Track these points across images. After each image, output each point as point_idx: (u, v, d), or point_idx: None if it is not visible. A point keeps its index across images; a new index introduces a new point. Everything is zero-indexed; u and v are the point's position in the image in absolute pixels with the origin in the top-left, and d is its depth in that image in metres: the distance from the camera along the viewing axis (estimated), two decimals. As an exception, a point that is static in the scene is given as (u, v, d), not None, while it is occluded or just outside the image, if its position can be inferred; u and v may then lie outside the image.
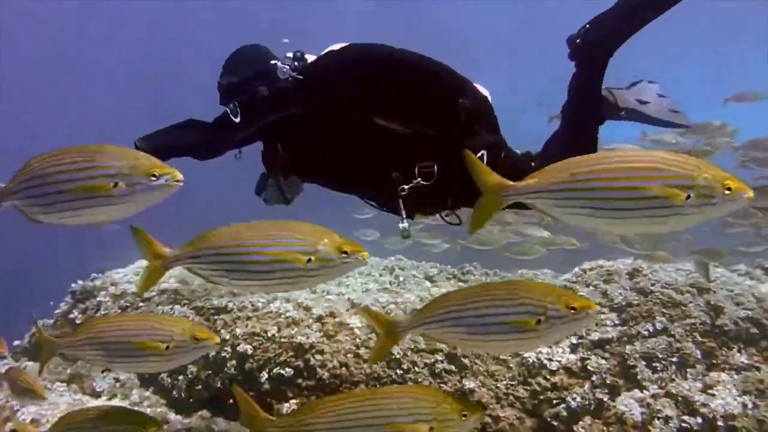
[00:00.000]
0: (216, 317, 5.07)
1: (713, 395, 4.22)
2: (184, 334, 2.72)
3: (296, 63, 3.51)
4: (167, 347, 2.69)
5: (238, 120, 3.39)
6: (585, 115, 3.56)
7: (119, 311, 5.32)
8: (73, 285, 5.88)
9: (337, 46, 3.56)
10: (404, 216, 3.46)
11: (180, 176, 2.33)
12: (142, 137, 3.40)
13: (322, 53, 3.57)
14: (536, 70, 17.99)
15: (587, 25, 3.46)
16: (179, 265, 2.58)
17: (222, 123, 3.43)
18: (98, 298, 5.50)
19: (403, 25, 20.16)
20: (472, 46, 20.24)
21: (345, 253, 2.43)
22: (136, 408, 4.41)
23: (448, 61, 3.46)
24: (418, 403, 2.53)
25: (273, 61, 3.52)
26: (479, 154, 3.41)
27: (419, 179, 3.36)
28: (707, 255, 5.46)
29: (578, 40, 3.47)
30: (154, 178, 2.29)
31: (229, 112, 3.40)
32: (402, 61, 3.43)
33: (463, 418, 2.52)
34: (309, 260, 2.38)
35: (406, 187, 3.37)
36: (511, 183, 2.28)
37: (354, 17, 22.40)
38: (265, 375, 4.58)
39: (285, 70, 3.43)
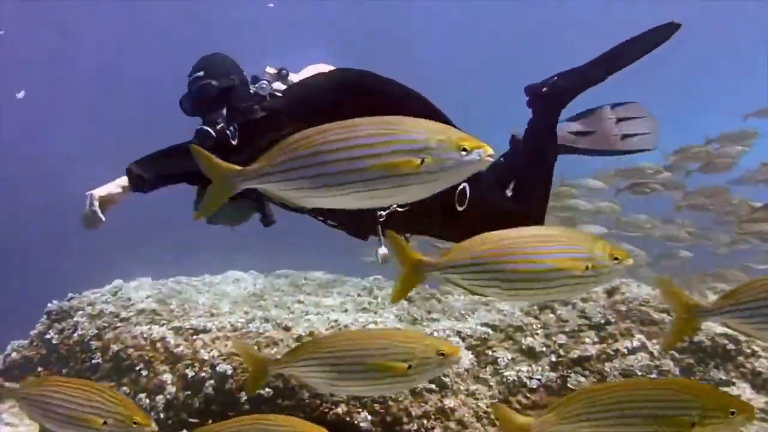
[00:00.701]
0: (195, 337, 5.03)
1: (692, 412, 4.26)
2: (427, 351, 2.57)
3: (278, 81, 3.51)
4: (409, 366, 2.55)
5: (235, 142, 3.34)
6: (545, 157, 3.94)
7: (96, 332, 5.26)
8: (48, 305, 5.81)
9: (319, 67, 3.58)
10: (382, 241, 3.48)
11: (491, 150, 2.11)
12: (137, 162, 3.34)
13: (308, 74, 3.58)
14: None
15: (555, 77, 3.88)
16: (435, 272, 2.44)
17: (221, 146, 3.27)
18: (75, 319, 5.44)
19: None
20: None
21: (616, 258, 2.37)
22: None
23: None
24: (680, 396, 2.30)
25: (253, 75, 3.51)
26: (461, 187, 3.52)
27: (394, 205, 3.42)
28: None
29: (544, 89, 3.87)
30: (464, 153, 2.06)
31: (229, 135, 3.32)
32: (386, 89, 3.48)
33: (731, 416, 2.27)
34: (586, 267, 2.32)
35: (384, 213, 3.42)
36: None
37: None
38: (244, 395, 4.56)
39: (264, 86, 3.42)
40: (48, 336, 5.47)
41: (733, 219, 7.76)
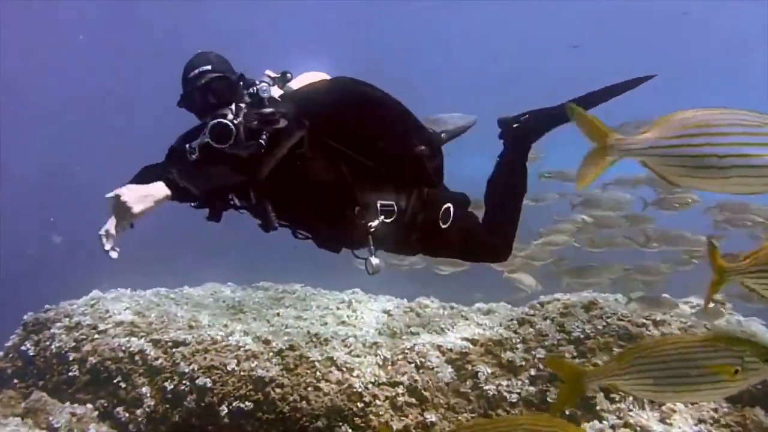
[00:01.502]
0: (174, 350, 5.00)
1: (670, 424, 4.31)
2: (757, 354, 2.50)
3: (276, 85, 3.49)
4: (736, 371, 2.49)
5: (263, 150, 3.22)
6: (516, 190, 4.14)
7: (74, 344, 5.20)
8: (24, 316, 5.74)
9: (315, 75, 3.60)
10: (374, 251, 3.50)
11: None
12: (182, 178, 3.13)
13: (304, 81, 3.59)
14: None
15: (526, 115, 4.10)
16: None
17: (255, 156, 3.19)
18: (52, 330, 5.37)
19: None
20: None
21: None
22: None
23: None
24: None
25: (239, 74, 3.47)
26: (445, 207, 3.62)
27: (382, 217, 3.44)
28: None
29: (516, 125, 4.11)
30: None
31: (263, 142, 3.19)
32: (380, 102, 3.52)
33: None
34: None
35: (374, 224, 3.43)
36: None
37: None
38: (224, 409, 4.54)
39: (265, 88, 3.40)
40: (24, 348, 5.38)
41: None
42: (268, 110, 3.25)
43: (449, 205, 3.69)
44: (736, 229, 6.37)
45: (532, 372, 4.76)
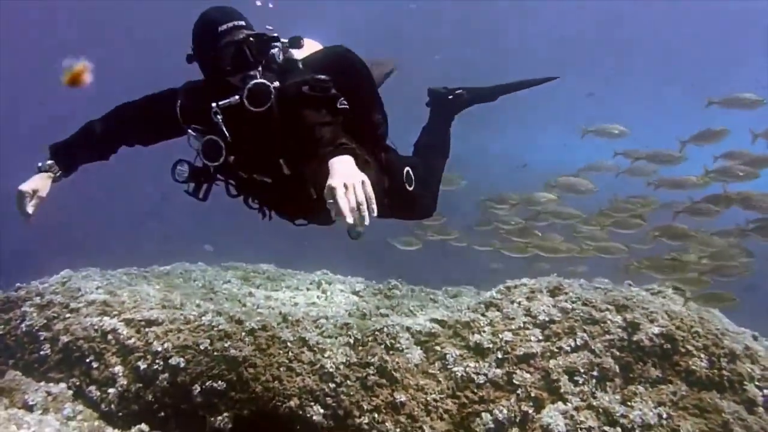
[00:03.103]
0: (147, 329, 5.04)
1: (631, 407, 4.47)
2: None
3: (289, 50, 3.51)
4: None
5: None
6: (437, 148, 4.71)
7: (45, 323, 5.20)
8: (-5, 295, 5.72)
9: (308, 42, 3.66)
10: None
11: None
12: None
13: (314, 50, 3.68)
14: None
15: (461, 90, 4.83)
16: None
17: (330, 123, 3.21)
18: (23, 309, 5.36)
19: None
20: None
21: None
22: (69, 422, 4.34)
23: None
24: None
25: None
26: (406, 170, 3.78)
27: None
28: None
29: (450, 97, 4.79)
30: None
31: (338, 104, 3.29)
32: (368, 73, 3.78)
33: None
34: None
35: None
36: None
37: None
38: (197, 388, 4.60)
39: (280, 55, 3.44)
40: (-7, 326, 5.37)
41: None
42: (323, 77, 3.29)
43: (408, 168, 3.91)
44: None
45: (499, 354, 4.88)
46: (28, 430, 3.87)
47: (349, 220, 2.63)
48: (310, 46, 3.67)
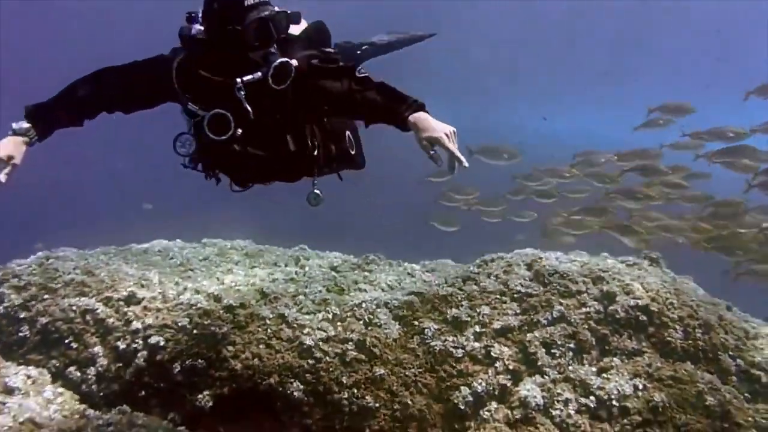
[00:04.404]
0: (126, 309, 5.04)
1: (608, 379, 4.54)
2: None
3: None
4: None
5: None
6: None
7: (23, 303, 5.17)
8: (-29, 277, 5.65)
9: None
10: (316, 180, 3.87)
11: None
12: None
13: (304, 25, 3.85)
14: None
15: (367, 46, 5.08)
16: None
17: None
18: (0, 290, 5.32)
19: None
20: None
21: None
22: (50, 405, 4.34)
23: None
24: None
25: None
26: (347, 135, 4.04)
27: (321, 148, 3.80)
28: None
29: (359, 52, 5.00)
30: None
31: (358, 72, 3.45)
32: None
33: None
34: None
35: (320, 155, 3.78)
36: None
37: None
38: (177, 367, 4.61)
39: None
40: (-29, 308, 5.32)
41: None
42: (331, 50, 3.61)
43: (348, 132, 4.02)
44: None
45: (477, 328, 4.93)
46: (8, 415, 3.88)
47: (465, 162, 3.08)
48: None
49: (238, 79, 3.24)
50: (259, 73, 3.25)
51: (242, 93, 3.27)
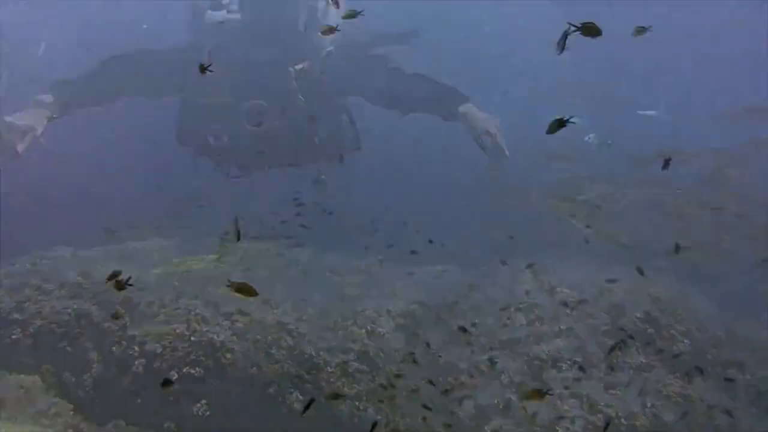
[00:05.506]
0: (123, 311, 4.92)
1: (615, 394, 4.44)
2: None
3: None
4: None
5: None
6: None
7: (16, 305, 5.03)
8: (-36, 279, 5.52)
9: None
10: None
11: None
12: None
13: None
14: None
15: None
16: None
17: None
18: (-7, 292, 5.19)
19: None
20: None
21: None
22: (44, 418, 4.21)
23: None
24: None
25: None
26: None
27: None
28: None
29: None
30: None
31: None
32: None
33: None
34: None
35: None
36: None
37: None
38: (174, 374, 4.49)
39: None
40: (-37, 310, 5.19)
41: None
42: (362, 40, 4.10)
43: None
44: None
45: (482, 340, 4.83)
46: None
47: (507, 152, 3.41)
48: None
49: (291, 68, 3.44)
50: (308, 62, 3.71)
51: (295, 82, 3.80)
